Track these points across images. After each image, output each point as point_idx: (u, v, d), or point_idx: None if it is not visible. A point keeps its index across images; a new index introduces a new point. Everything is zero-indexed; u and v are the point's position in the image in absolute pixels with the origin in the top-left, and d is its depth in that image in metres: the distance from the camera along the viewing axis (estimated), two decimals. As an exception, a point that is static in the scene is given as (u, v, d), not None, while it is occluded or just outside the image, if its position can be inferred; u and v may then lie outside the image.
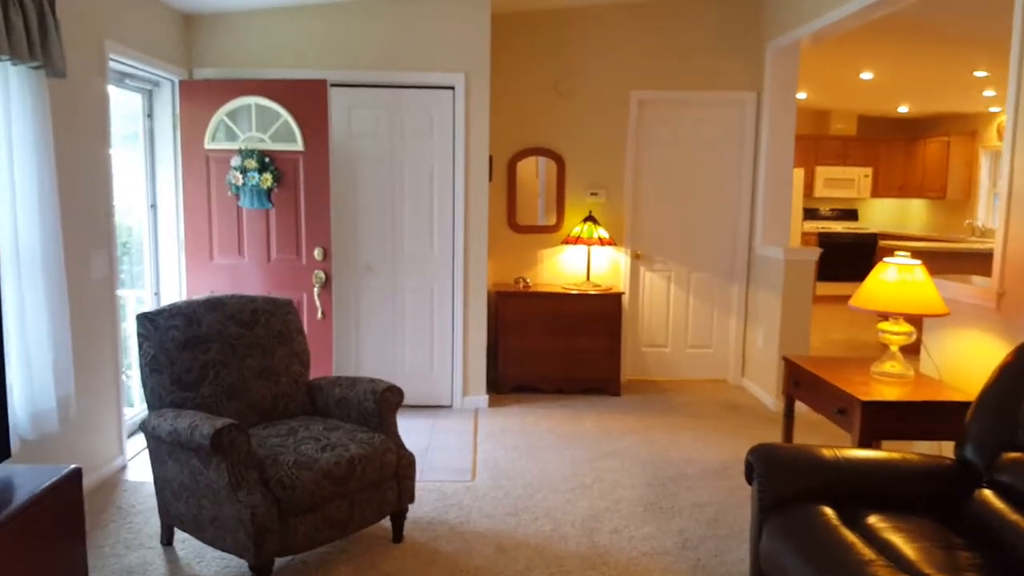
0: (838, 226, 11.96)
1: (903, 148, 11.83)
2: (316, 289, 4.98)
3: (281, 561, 3.23)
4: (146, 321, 3.23)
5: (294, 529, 2.89)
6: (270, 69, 5.19)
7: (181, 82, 4.97)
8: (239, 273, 5.03)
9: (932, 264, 3.71)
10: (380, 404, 3.35)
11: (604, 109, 6.29)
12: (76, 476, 2.44)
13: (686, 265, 6.53)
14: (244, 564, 3.17)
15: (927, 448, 3.93)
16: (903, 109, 11.14)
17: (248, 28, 5.20)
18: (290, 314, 3.66)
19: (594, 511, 3.87)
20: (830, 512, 2.67)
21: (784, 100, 6.14)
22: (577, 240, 6.02)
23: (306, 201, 4.95)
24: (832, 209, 12.18)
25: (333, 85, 5.18)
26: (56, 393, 3.24)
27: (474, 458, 4.59)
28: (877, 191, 11.86)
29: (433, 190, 5.45)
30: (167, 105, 5.01)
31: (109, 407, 4.19)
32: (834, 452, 2.91)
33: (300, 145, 4.90)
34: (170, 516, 3.18)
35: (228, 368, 3.33)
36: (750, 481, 2.94)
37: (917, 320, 3.64)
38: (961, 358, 3.86)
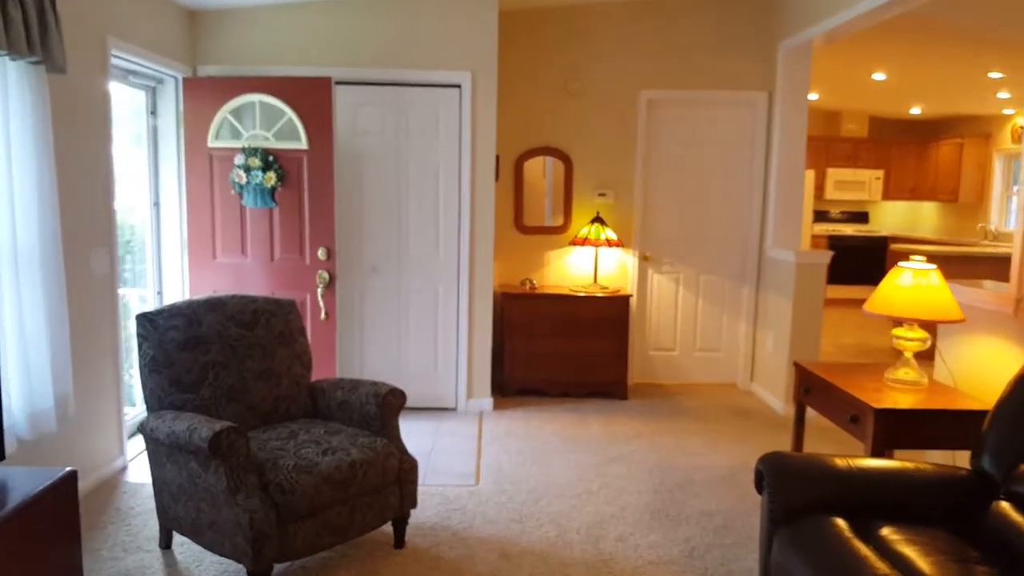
0: (849, 229, 11.85)
1: (915, 150, 11.71)
2: (320, 289, 4.92)
3: (280, 567, 3.18)
4: (145, 321, 3.18)
5: (293, 534, 2.84)
6: (274, 66, 5.14)
7: (185, 79, 4.93)
8: (242, 273, 4.98)
9: (944, 268, 3.63)
10: (382, 407, 3.29)
11: (613, 109, 6.22)
12: (71, 479, 2.39)
13: (695, 267, 6.45)
14: (243, 569, 3.12)
15: (940, 457, 3.85)
16: (915, 111, 11.03)
17: (252, 25, 5.15)
18: (292, 315, 3.61)
19: (600, 517, 3.80)
20: (842, 523, 2.61)
21: (796, 100, 6.06)
22: (584, 241, 5.95)
23: (310, 200, 4.89)
24: (843, 212, 12.07)
25: (338, 83, 5.13)
26: (54, 393, 3.20)
27: (478, 462, 4.53)
28: (888, 194, 11.74)
29: (439, 190, 5.39)
30: (170, 102, 4.96)
31: (109, 407, 4.14)
32: (847, 461, 2.84)
33: (304, 143, 4.85)
34: (168, 519, 3.13)
35: (228, 369, 3.28)
36: (760, 490, 2.87)
37: (931, 326, 3.56)
38: (977, 365, 3.78)
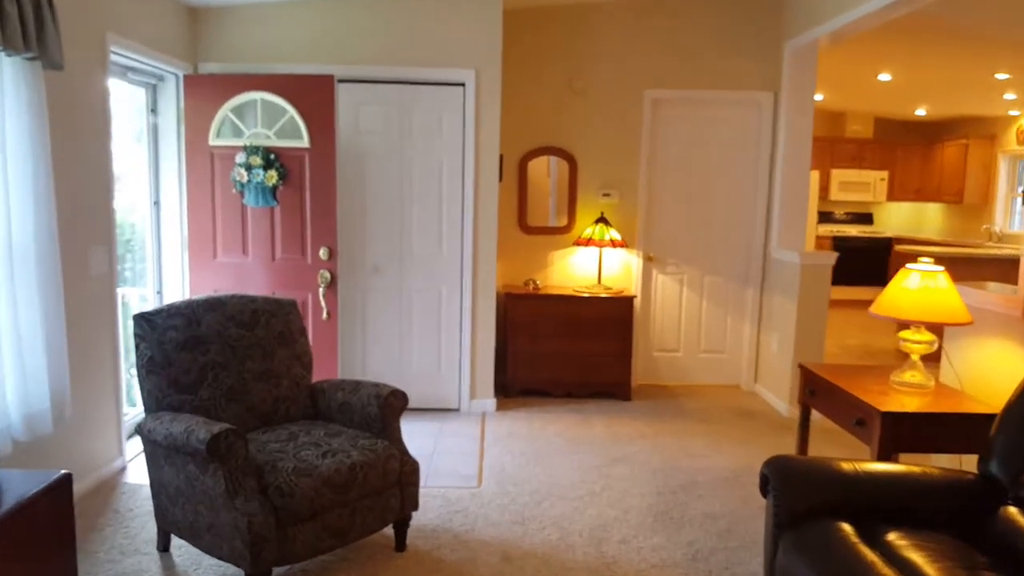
0: (853, 230, 11.80)
1: (920, 151, 11.67)
2: (321, 289, 4.89)
3: (279, 570, 3.14)
4: (143, 321, 3.14)
5: (292, 538, 2.80)
6: (276, 64, 5.10)
7: (186, 76, 4.89)
8: (243, 272, 4.94)
9: (948, 270, 3.59)
10: (384, 409, 3.26)
11: (618, 108, 6.18)
12: (66, 482, 2.35)
13: (699, 268, 6.41)
14: (241, 573, 3.08)
15: (945, 461, 3.81)
16: (921, 112, 10.98)
17: (254, 21, 5.11)
18: (292, 315, 3.57)
19: (602, 520, 3.76)
20: (848, 528, 2.57)
21: (802, 101, 6.02)
22: (589, 242, 5.91)
23: (312, 199, 4.86)
24: (847, 213, 12.03)
25: (341, 81, 5.10)
26: (50, 393, 3.16)
27: (480, 463, 4.49)
28: (893, 195, 11.70)
29: (442, 189, 5.35)
30: (171, 100, 4.93)
31: (108, 407, 4.11)
32: (852, 465, 2.80)
33: (306, 142, 4.82)
34: (166, 522, 3.09)
35: (227, 370, 3.24)
36: (765, 494, 2.83)
37: (937, 327, 3.52)
38: (983, 368, 3.74)
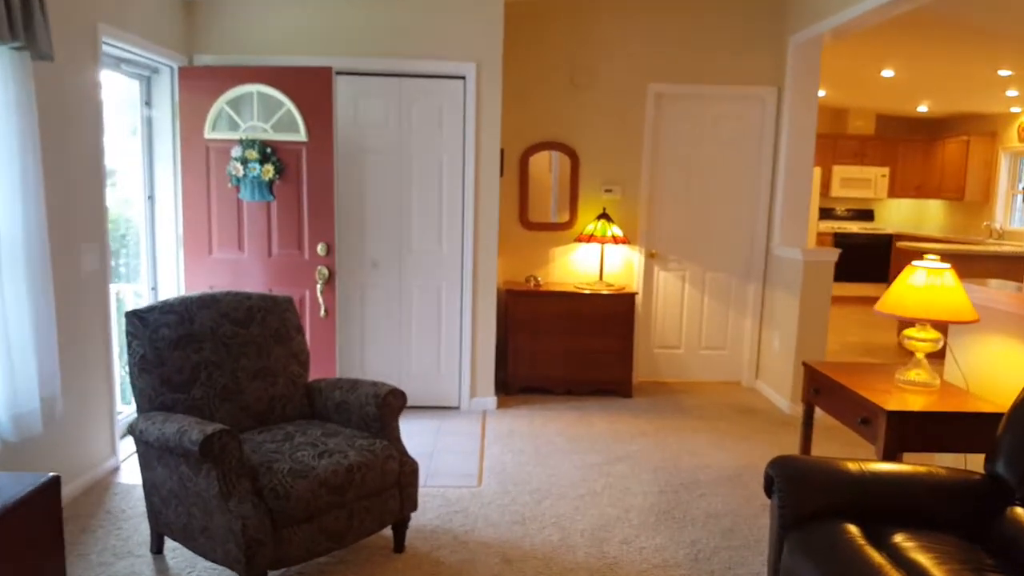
0: (854, 226, 11.76)
1: (921, 148, 11.62)
2: (319, 286, 4.83)
3: (275, 573, 3.08)
4: (135, 319, 3.08)
5: (288, 540, 2.74)
6: (273, 56, 5.03)
7: (180, 69, 4.82)
8: (239, 268, 4.88)
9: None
10: (382, 408, 3.19)
11: (620, 103, 6.11)
12: (54, 485, 2.29)
13: (701, 265, 6.35)
14: None
15: (950, 460, 3.76)
16: (923, 108, 10.92)
17: (251, 12, 5.04)
18: (288, 312, 3.51)
19: (604, 520, 3.71)
20: (854, 530, 2.52)
21: (806, 96, 5.96)
22: (590, 238, 5.85)
23: (309, 194, 4.79)
24: (848, 209, 11.99)
25: (339, 73, 5.03)
26: (40, 394, 3.09)
27: (480, 462, 4.44)
28: (894, 191, 11.65)
29: (442, 184, 5.29)
30: (166, 92, 4.86)
31: (100, 406, 4.04)
32: (858, 465, 2.75)
33: (303, 135, 4.75)
34: (160, 524, 3.03)
35: (221, 369, 3.18)
36: (769, 494, 2.78)
37: (942, 325, 3.47)
38: (989, 366, 3.68)
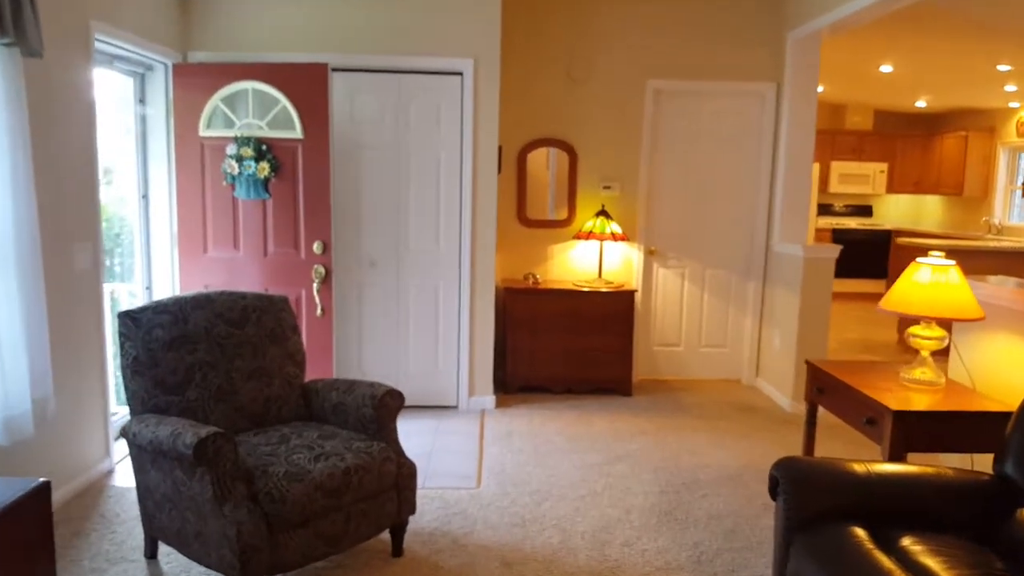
0: (852, 222, 11.73)
1: (920, 143, 11.58)
2: (316, 285, 4.77)
3: (271, 577, 3.03)
4: (128, 320, 3.02)
5: (284, 545, 2.68)
6: (269, 52, 4.97)
7: (175, 65, 4.76)
8: (234, 267, 4.82)
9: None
10: (379, 410, 3.14)
11: (619, 99, 6.06)
12: (44, 491, 2.23)
13: (701, 262, 6.31)
14: (232, 579, 2.97)
15: (955, 461, 3.71)
16: (921, 104, 10.89)
17: (245, 9, 4.98)
18: (283, 311, 3.45)
19: (605, 521, 3.66)
20: (862, 533, 2.47)
21: (805, 92, 5.92)
22: (589, 235, 5.80)
23: (305, 192, 4.74)
24: (846, 205, 11.95)
25: (335, 69, 4.96)
26: (32, 396, 3.03)
27: (479, 463, 4.39)
28: (892, 187, 11.62)
29: (440, 181, 5.23)
30: (160, 90, 4.80)
31: (94, 407, 3.98)
32: (865, 466, 2.70)
33: (299, 133, 4.69)
34: (153, 528, 2.98)
35: (216, 370, 3.12)
36: (774, 496, 2.73)
37: (946, 323, 3.42)
38: (994, 364, 3.64)
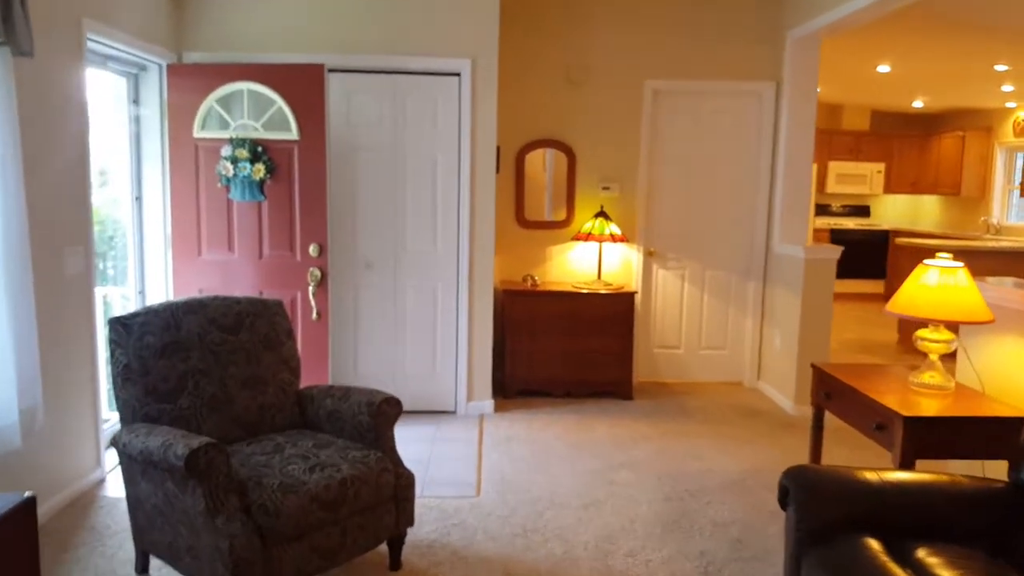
0: (850, 222, 11.70)
1: (917, 143, 11.56)
2: (311, 288, 4.69)
3: (267, 590, 2.95)
4: (118, 326, 2.93)
5: (278, 559, 2.60)
6: (264, 53, 4.89)
7: (169, 66, 4.68)
8: (229, 270, 4.74)
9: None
10: (376, 417, 3.05)
11: (617, 99, 5.99)
12: (29, 505, 2.14)
13: (701, 263, 6.24)
14: (226, 593, 2.89)
15: (963, 467, 3.64)
16: (918, 104, 10.85)
17: (241, 9, 4.90)
18: (278, 316, 3.37)
19: (608, 531, 3.58)
20: (876, 545, 2.40)
21: (804, 91, 5.87)
22: (588, 236, 5.73)
23: (301, 194, 4.66)
24: (844, 205, 11.92)
25: (331, 70, 4.88)
26: (20, 405, 2.95)
27: (479, 470, 4.30)
28: (890, 187, 11.59)
29: (437, 183, 5.16)
30: (154, 90, 4.72)
31: (84, 416, 3.89)
32: (878, 475, 2.63)
33: (295, 134, 4.61)
34: (144, 542, 2.89)
35: (209, 377, 3.04)
36: (784, 506, 2.66)
37: (952, 324, 3.36)
38: (1003, 367, 3.58)
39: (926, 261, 3.38)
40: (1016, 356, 3.51)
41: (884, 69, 8.30)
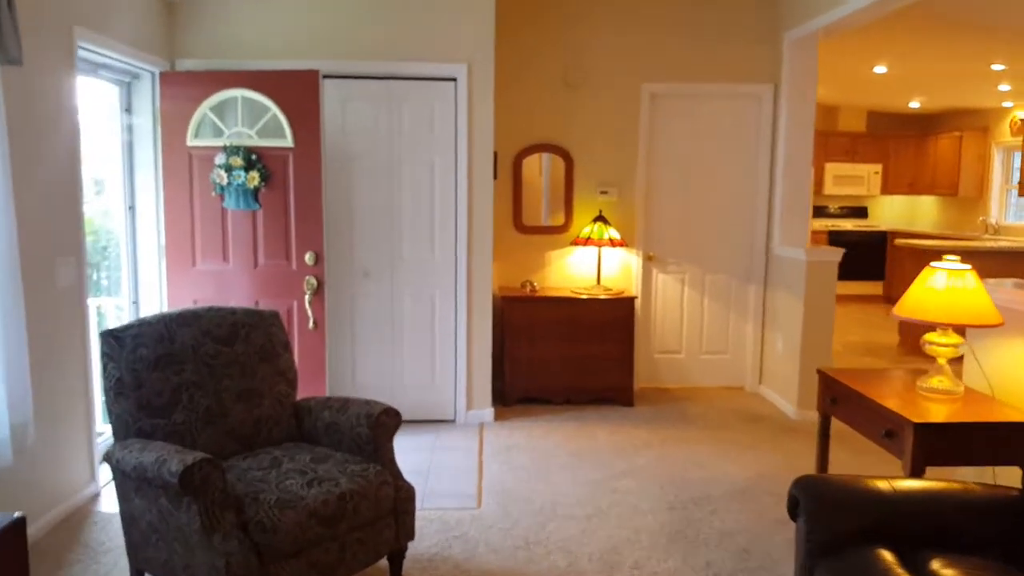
0: (848, 224, 11.66)
1: (914, 144, 11.53)
2: (307, 296, 4.62)
3: (265, 608, 2.88)
4: (111, 339, 2.86)
5: (277, 577, 2.54)
6: (258, 60, 4.83)
7: (162, 74, 4.61)
8: (224, 280, 4.67)
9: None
10: (375, 429, 2.99)
11: (614, 103, 5.94)
12: (19, 526, 2.08)
13: (701, 267, 6.19)
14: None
15: (972, 475, 3.58)
16: (915, 104, 10.82)
17: (234, 15, 4.84)
18: (274, 327, 3.30)
19: (613, 542, 3.52)
20: (890, 557, 2.34)
21: (803, 92, 5.83)
22: (587, 241, 5.68)
23: (296, 201, 4.59)
24: (841, 207, 11.88)
25: (326, 76, 4.82)
26: (10, 422, 2.88)
27: (479, 481, 4.24)
28: (887, 188, 11.56)
29: (434, 189, 5.10)
30: (147, 99, 4.65)
31: (78, 430, 3.82)
32: (889, 484, 2.57)
33: (290, 141, 4.55)
34: (138, 559, 2.81)
35: (204, 390, 2.97)
36: (794, 517, 2.60)
37: (960, 327, 3.30)
38: (1012, 370, 3.52)
39: (933, 263, 3.32)
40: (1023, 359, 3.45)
41: (880, 70, 8.27)
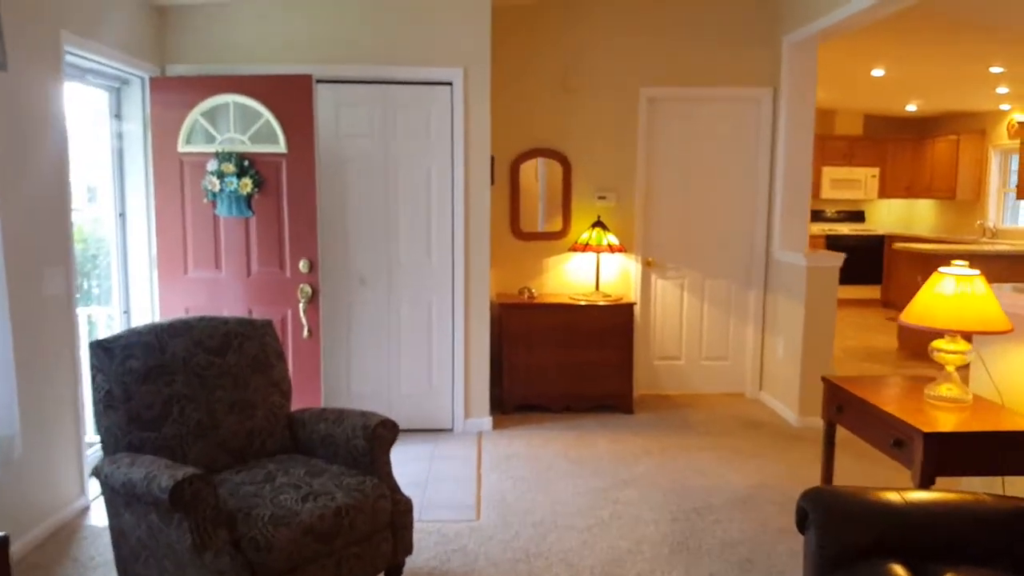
0: (845, 228, 11.62)
1: (911, 147, 11.50)
2: (302, 305, 4.54)
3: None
4: (99, 350, 2.78)
5: (271, 595, 2.46)
6: (251, 65, 4.75)
7: (152, 79, 4.54)
8: (216, 288, 4.59)
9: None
10: (372, 441, 2.91)
11: (612, 107, 5.88)
12: (2, 546, 2.00)
13: (700, 272, 6.12)
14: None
15: (979, 484, 3.52)
16: (911, 108, 10.79)
17: (226, 20, 4.77)
18: (267, 336, 3.22)
19: (615, 554, 3.44)
20: (902, 572, 2.27)
21: (802, 95, 5.78)
22: (585, 247, 5.61)
23: (290, 208, 4.52)
24: (838, 211, 11.83)
25: (319, 81, 4.76)
26: (-6, 435, 2.81)
27: (478, 491, 4.16)
28: (884, 192, 11.52)
29: (431, 195, 5.03)
30: (137, 104, 4.58)
31: (67, 442, 3.72)
32: (900, 495, 2.50)
33: (283, 147, 4.48)
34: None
35: (195, 402, 2.89)
36: (802, 530, 2.53)
37: (967, 334, 3.24)
38: (1021, 377, 3.45)
39: (941, 269, 3.26)
40: (1032, 365, 3.39)
41: (878, 73, 8.23)
